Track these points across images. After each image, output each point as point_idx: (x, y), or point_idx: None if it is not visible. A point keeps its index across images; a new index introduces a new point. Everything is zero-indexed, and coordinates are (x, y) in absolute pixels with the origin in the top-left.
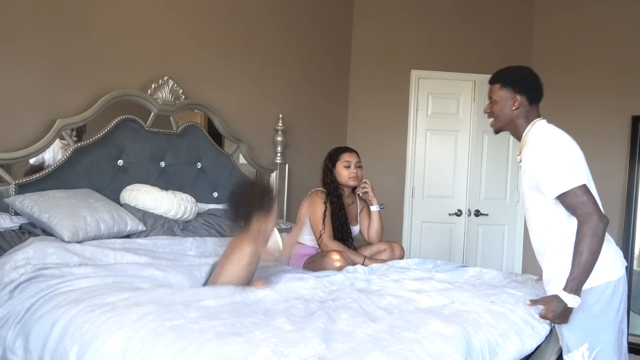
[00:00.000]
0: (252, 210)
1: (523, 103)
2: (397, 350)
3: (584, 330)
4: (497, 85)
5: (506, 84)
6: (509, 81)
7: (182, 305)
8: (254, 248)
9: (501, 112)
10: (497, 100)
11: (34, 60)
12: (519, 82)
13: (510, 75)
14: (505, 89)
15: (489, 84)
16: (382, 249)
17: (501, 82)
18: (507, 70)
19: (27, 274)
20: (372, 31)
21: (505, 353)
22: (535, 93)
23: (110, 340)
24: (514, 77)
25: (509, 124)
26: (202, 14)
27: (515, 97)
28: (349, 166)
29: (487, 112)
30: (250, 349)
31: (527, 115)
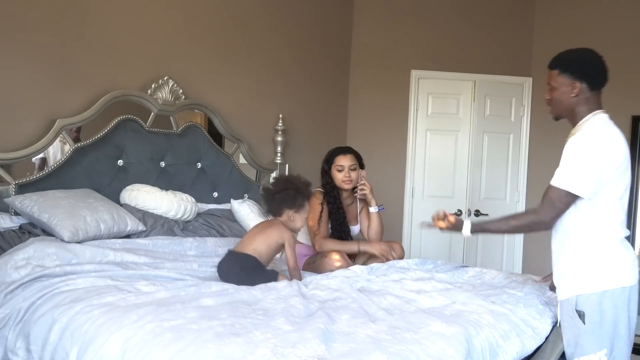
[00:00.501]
0: (289, 206)
1: (583, 90)
2: (398, 351)
3: (603, 336)
4: (556, 71)
5: (565, 69)
6: (569, 67)
7: (182, 305)
8: (286, 232)
9: (559, 99)
10: (555, 87)
11: (34, 60)
12: (580, 68)
13: (571, 60)
14: (565, 75)
15: (548, 68)
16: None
17: (560, 67)
18: (567, 54)
19: (29, 275)
20: (372, 31)
21: (505, 354)
22: (597, 79)
23: (109, 341)
24: (575, 62)
25: (568, 112)
26: (203, 14)
27: (574, 83)
28: (342, 170)
29: (546, 99)
30: (249, 349)
31: (587, 102)
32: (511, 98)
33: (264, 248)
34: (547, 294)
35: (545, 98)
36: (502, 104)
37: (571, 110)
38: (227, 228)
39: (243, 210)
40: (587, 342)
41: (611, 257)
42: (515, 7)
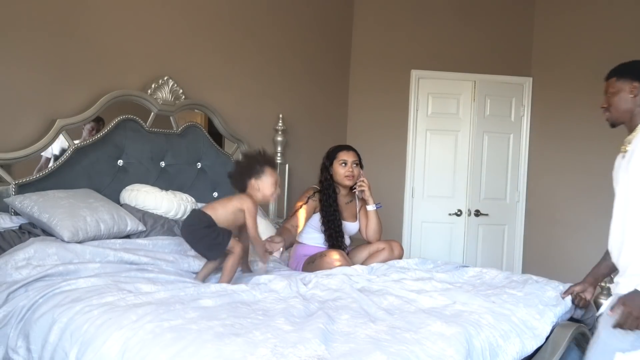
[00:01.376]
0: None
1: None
2: (398, 351)
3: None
4: (613, 79)
5: (622, 74)
6: (625, 72)
7: (181, 305)
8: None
9: (618, 102)
10: (613, 92)
11: (34, 60)
12: (636, 71)
13: (626, 67)
14: (622, 80)
15: (604, 80)
16: (381, 248)
17: (617, 74)
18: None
19: (32, 275)
20: (372, 31)
21: (505, 354)
22: None
23: (109, 341)
24: (631, 67)
25: (626, 114)
26: (203, 14)
27: (633, 84)
28: (345, 164)
29: (603, 107)
30: (249, 349)
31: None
32: (511, 98)
33: (221, 211)
34: (546, 294)
35: (601, 106)
36: (502, 104)
37: (630, 112)
38: None
39: None
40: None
41: None
42: (515, 7)
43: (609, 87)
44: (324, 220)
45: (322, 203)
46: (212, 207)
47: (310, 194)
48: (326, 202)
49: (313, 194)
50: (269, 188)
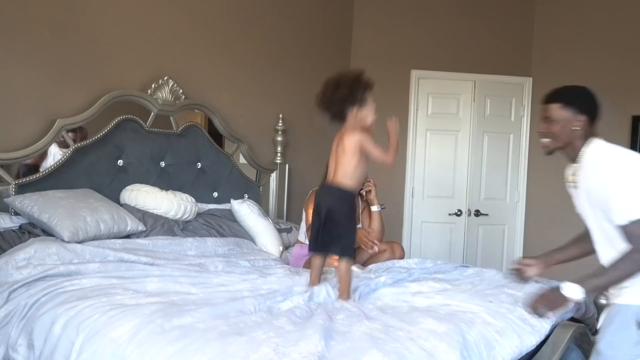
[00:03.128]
0: (352, 103)
1: (586, 123)
2: (393, 348)
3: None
4: (558, 105)
5: (568, 103)
6: (572, 101)
7: (193, 305)
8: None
9: (561, 132)
10: (557, 120)
11: (33, 60)
12: (582, 103)
13: (573, 96)
14: (568, 109)
15: (544, 103)
16: (382, 250)
17: (562, 101)
18: (566, 89)
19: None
20: (372, 31)
21: (502, 347)
22: (595, 114)
23: (120, 328)
24: (577, 97)
25: (567, 145)
26: (203, 14)
27: (577, 117)
28: None
29: (543, 132)
30: (252, 348)
31: (585, 135)
32: (511, 98)
33: (350, 172)
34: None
35: (540, 130)
36: (502, 104)
37: (570, 143)
38: (227, 228)
39: (243, 210)
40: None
41: None
42: (515, 7)
43: (550, 113)
44: None
45: None
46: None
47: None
48: None
49: None
50: (371, 116)
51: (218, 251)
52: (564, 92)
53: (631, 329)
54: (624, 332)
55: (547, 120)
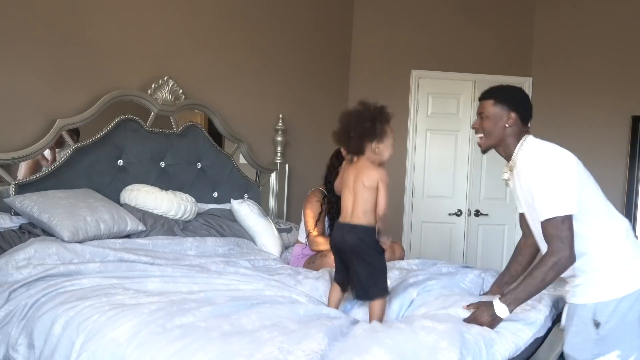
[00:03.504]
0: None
1: (516, 121)
2: (394, 344)
3: (616, 338)
4: (491, 101)
5: (501, 100)
6: (504, 98)
7: (195, 304)
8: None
9: (493, 129)
10: (489, 116)
11: (34, 60)
12: (514, 100)
13: (505, 93)
14: (500, 106)
15: (479, 100)
16: None
17: (495, 98)
18: (500, 87)
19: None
20: (372, 31)
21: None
22: (527, 113)
23: (120, 328)
24: (509, 95)
25: (500, 142)
26: (202, 14)
27: (510, 114)
28: None
29: (476, 127)
30: (256, 347)
31: (518, 134)
32: None
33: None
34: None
35: (473, 126)
36: None
37: (502, 140)
38: (227, 228)
39: (243, 210)
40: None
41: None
42: (515, 7)
43: (483, 109)
44: (332, 222)
45: (331, 205)
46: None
47: (320, 198)
48: (335, 204)
49: (323, 199)
50: (389, 150)
51: (218, 251)
52: (498, 89)
53: (589, 328)
54: (583, 333)
55: (480, 116)
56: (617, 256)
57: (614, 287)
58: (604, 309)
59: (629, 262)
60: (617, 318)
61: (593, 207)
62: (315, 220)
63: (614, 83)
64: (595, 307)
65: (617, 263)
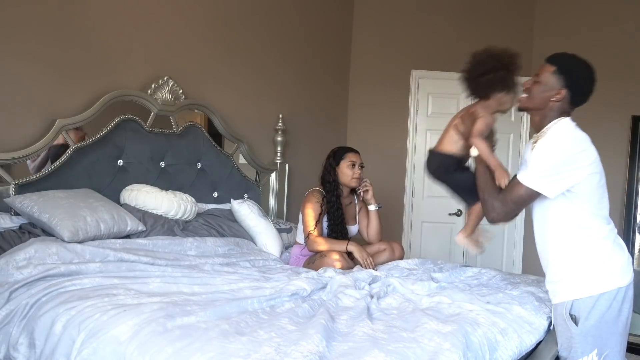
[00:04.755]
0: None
1: (564, 99)
2: (395, 349)
3: (595, 337)
4: (552, 68)
5: (561, 71)
6: (565, 71)
7: (196, 305)
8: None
9: (539, 96)
10: (541, 82)
11: (34, 60)
12: (575, 78)
13: (570, 66)
14: (557, 77)
15: (545, 61)
16: (382, 249)
17: (559, 67)
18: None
19: (34, 275)
20: (372, 31)
21: (505, 349)
22: (582, 97)
23: (121, 326)
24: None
25: (539, 111)
26: (202, 14)
27: (561, 90)
28: (354, 166)
29: (526, 87)
30: (254, 347)
31: (561, 111)
32: None
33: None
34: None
35: (524, 86)
36: None
37: (541, 110)
38: (227, 228)
39: (243, 210)
40: (579, 345)
41: (606, 260)
42: (516, 7)
43: (541, 72)
44: (331, 223)
45: (330, 205)
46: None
47: (319, 199)
48: (334, 204)
49: (322, 199)
50: (513, 102)
51: (218, 251)
52: (566, 59)
53: (569, 324)
54: (566, 332)
55: (535, 77)
56: (596, 254)
57: (591, 284)
58: (581, 305)
59: (606, 261)
60: (596, 316)
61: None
62: (316, 221)
63: (614, 83)
64: (573, 303)
65: (595, 261)
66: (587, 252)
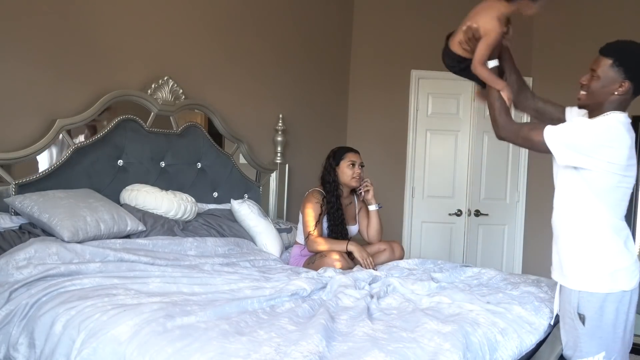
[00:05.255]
0: None
1: (628, 91)
2: (395, 349)
3: (602, 339)
4: (609, 61)
5: (621, 63)
6: (626, 62)
7: (196, 305)
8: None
9: (600, 92)
10: (600, 76)
11: (34, 60)
12: (637, 66)
13: (630, 55)
14: (617, 69)
15: (599, 53)
16: (382, 249)
17: (616, 58)
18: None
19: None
20: (372, 31)
21: (505, 349)
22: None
23: (121, 326)
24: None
25: (599, 105)
26: (202, 14)
27: (623, 82)
28: (354, 165)
29: (583, 83)
30: (253, 347)
31: (620, 104)
32: None
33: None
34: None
35: (581, 82)
36: None
37: (602, 104)
38: (227, 228)
39: (243, 210)
40: (586, 345)
41: (616, 255)
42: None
43: (598, 67)
44: (331, 223)
45: (330, 205)
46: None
47: (319, 199)
48: (334, 205)
49: (322, 200)
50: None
51: (218, 251)
52: (623, 48)
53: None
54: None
55: (592, 72)
56: (607, 244)
57: (601, 281)
58: (588, 302)
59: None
60: (602, 317)
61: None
62: (316, 222)
63: None
64: (579, 297)
65: (605, 250)
66: (599, 239)
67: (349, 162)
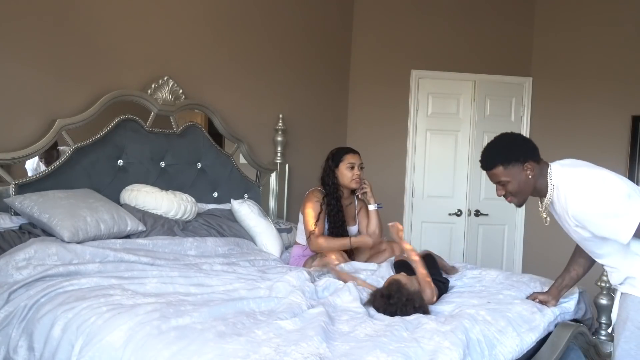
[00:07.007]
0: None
1: (534, 165)
2: (397, 348)
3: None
4: (500, 168)
5: (508, 161)
6: (509, 158)
7: (191, 306)
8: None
9: (520, 187)
10: (508, 180)
11: (34, 60)
12: (519, 151)
13: (507, 152)
14: (511, 166)
15: (486, 171)
16: (383, 249)
17: (501, 163)
18: (497, 148)
19: (33, 275)
20: (372, 31)
21: (504, 346)
22: (535, 151)
23: (115, 331)
24: (511, 151)
25: (531, 193)
26: (203, 14)
27: (524, 165)
28: (353, 167)
29: (503, 194)
30: (252, 348)
31: (541, 173)
32: (511, 98)
33: None
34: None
35: (499, 194)
36: (502, 104)
37: (533, 189)
38: (227, 228)
39: (243, 210)
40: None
41: None
42: (515, 7)
43: (499, 178)
44: (332, 225)
45: (330, 207)
46: None
47: (319, 198)
48: (334, 207)
49: (323, 199)
50: None
51: (218, 251)
52: (497, 154)
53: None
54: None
55: (500, 184)
56: None
57: None
58: None
59: None
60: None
61: None
62: (316, 220)
63: (614, 83)
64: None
65: None
66: None
67: (348, 164)
